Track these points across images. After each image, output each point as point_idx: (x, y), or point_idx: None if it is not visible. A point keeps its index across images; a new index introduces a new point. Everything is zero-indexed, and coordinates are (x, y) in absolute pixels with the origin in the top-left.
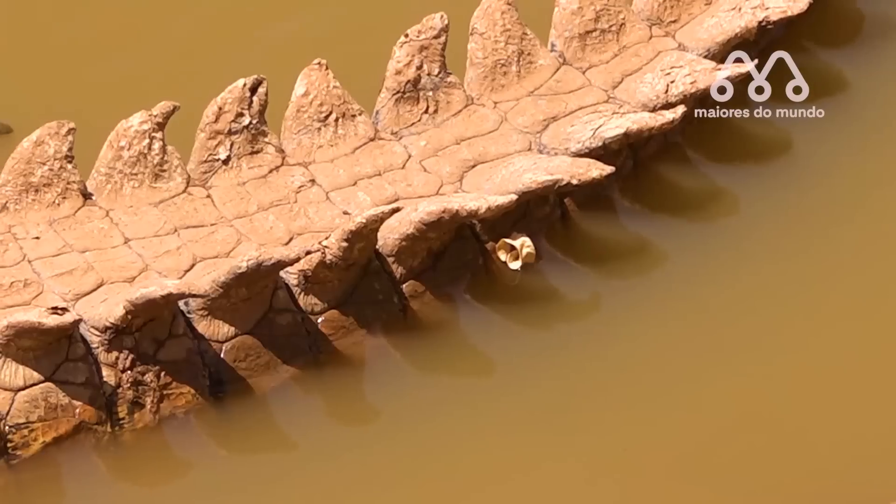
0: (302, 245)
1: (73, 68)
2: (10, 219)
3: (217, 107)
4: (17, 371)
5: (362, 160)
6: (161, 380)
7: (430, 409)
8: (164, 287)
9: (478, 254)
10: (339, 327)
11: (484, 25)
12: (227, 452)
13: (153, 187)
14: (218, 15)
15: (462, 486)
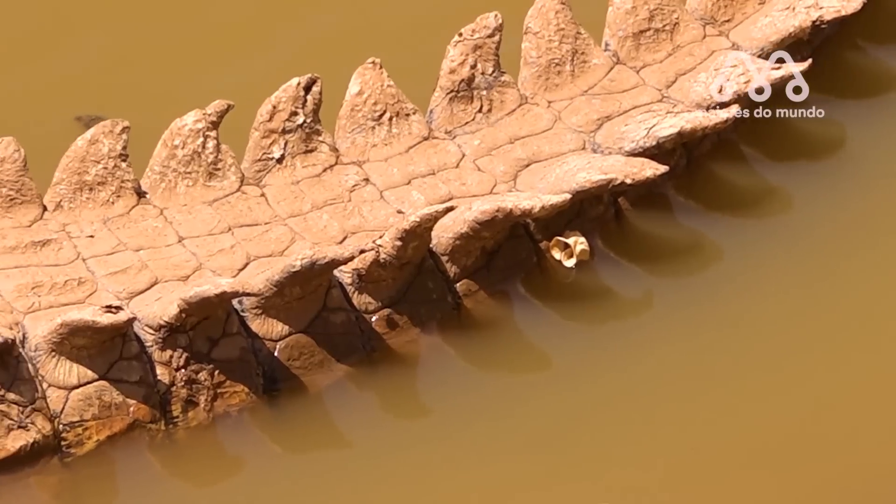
0: (356, 244)
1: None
2: (65, 217)
3: (271, 106)
4: (72, 369)
5: (416, 159)
6: (215, 378)
7: (485, 407)
8: (217, 286)
9: (531, 252)
10: (394, 326)
11: (538, 25)
12: (281, 450)
13: (207, 186)
14: (272, 13)
15: (518, 483)
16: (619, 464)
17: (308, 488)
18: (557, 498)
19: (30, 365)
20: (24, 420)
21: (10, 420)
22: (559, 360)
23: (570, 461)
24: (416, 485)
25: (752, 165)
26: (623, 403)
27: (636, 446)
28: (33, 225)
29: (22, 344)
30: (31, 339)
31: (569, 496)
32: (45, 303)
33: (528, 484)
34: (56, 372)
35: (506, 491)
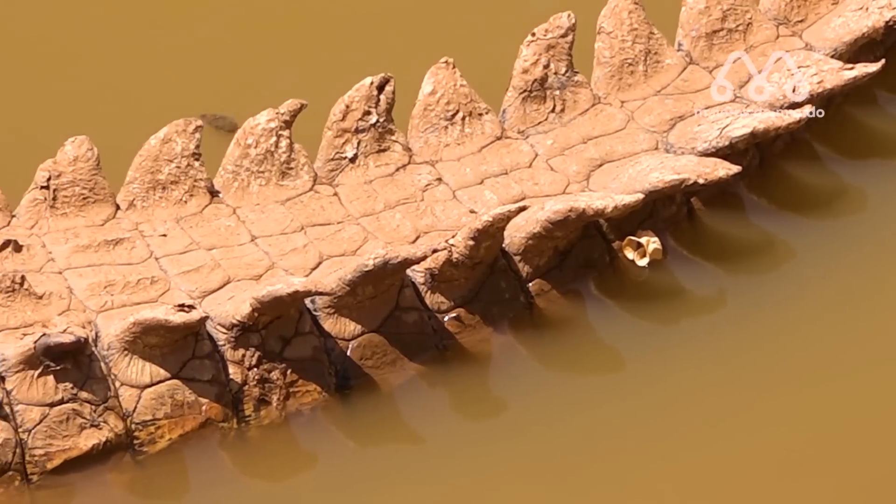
0: (428, 243)
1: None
2: (138, 216)
3: (344, 105)
4: (144, 368)
5: (489, 159)
6: (287, 377)
7: (558, 405)
8: (290, 285)
9: (604, 252)
10: (466, 325)
11: (611, 25)
12: (353, 446)
13: (280, 185)
14: (345, 12)
15: (589, 481)
16: (690, 464)
17: (380, 485)
18: (628, 496)
19: (102, 364)
20: (97, 419)
21: (82, 419)
22: (631, 359)
23: (642, 460)
24: (486, 483)
25: (826, 165)
26: (695, 404)
27: (708, 447)
28: (106, 224)
29: (95, 343)
30: (104, 337)
31: (640, 494)
32: (117, 302)
33: (599, 482)
34: (129, 370)
35: (577, 489)
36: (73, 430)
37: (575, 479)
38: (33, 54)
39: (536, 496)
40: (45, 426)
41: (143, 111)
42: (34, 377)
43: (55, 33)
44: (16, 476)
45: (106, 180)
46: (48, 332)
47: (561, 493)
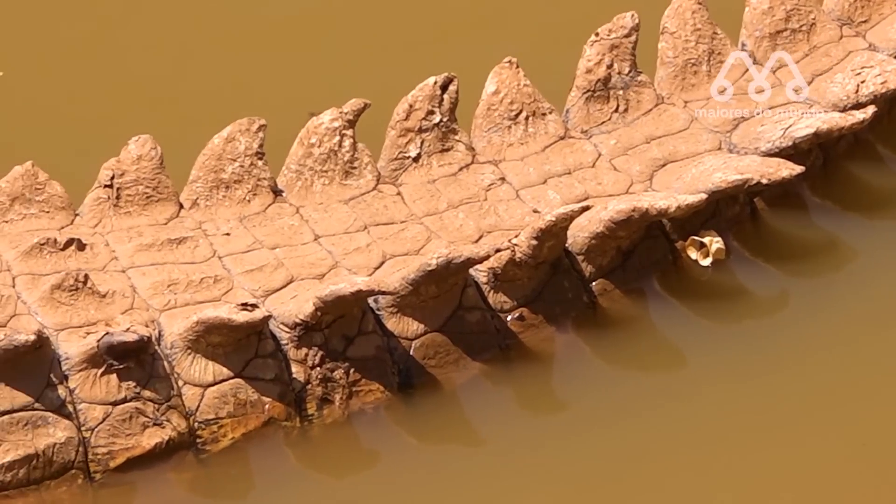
0: (492, 243)
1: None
2: (201, 215)
3: (408, 104)
4: (207, 367)
5: (552, 158)
6: (350, 376)
7: (621, 404)
8: (353, 284)
9: (667, 252)
10: (529, 324)
11: (675, 25)
12: (416, 445)
13: (343, 184)
14: (409, 12)
15: (651, 480)
16: (749, 468)
17: (443, 483)
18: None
19: (165, 362)
20: (160, 417)
21: (145, 417)
22: (693, 359)
23: (702, 461)
24: (550, 481)
25: (889, 165)
26: (756, 405)
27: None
28: (169, 222)
29: (158, 341)
30: (167, 336)
31: (699, 496)
32: (181, 300)
33: (660, 482)
34: (192, 369)
35: (639, 488)
36: (136, 429)
37: (637, 478)
38: (98, 51)
39: (599, 495)
40: (108, 425)
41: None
42: (97, 376)
43: (125, 29)
44: (79, 474)
45: (169, 179)
46: (111, 330)
47: (622, 493)
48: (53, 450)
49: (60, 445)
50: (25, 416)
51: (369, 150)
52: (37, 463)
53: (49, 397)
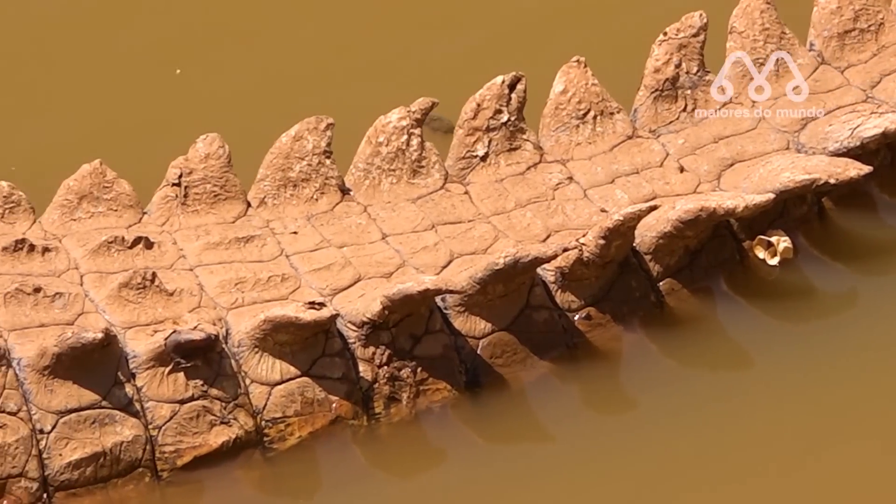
0: (559, 242)
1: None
2: (269, 214)
3: (476, 104)
4: (274, 366)
5: (620, 158)
6: (417, 375)
7: (688, 403)
8: (421, 283)
9: (735, 251)
10: (596, 324)
11: (743, 24)
12: (484, 443)
13: (411, 183)
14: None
15: (719, 478)
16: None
17: (511, 481)
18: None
19: (233, 361)
20: (227, 416)
21: (212, 416)
22: (762, 358)
23: (770, 458)
24: (616, 479)
25: None
26: (824, 403)
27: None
28: (237, 221)
29: (225, 340)
30: (235, 334)
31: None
32: (248, 299)
33: (729, 479)
34: (259, 368)
35: (706, 485)
36: (204, 427)
37: (703, 476)
38: (167, 51)
39: (665, 493)
40: (175, 423)
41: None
42: (165, 374)
43: (194, 28)
44: (146, 473)
45: (237, 177)
46: (179, 328)
47: (689, 491)
48: (121, 448)
49: (128, 444)
50: (93, 414)
51: (437, 149)
52: (104, 461)
53: (116, 395)
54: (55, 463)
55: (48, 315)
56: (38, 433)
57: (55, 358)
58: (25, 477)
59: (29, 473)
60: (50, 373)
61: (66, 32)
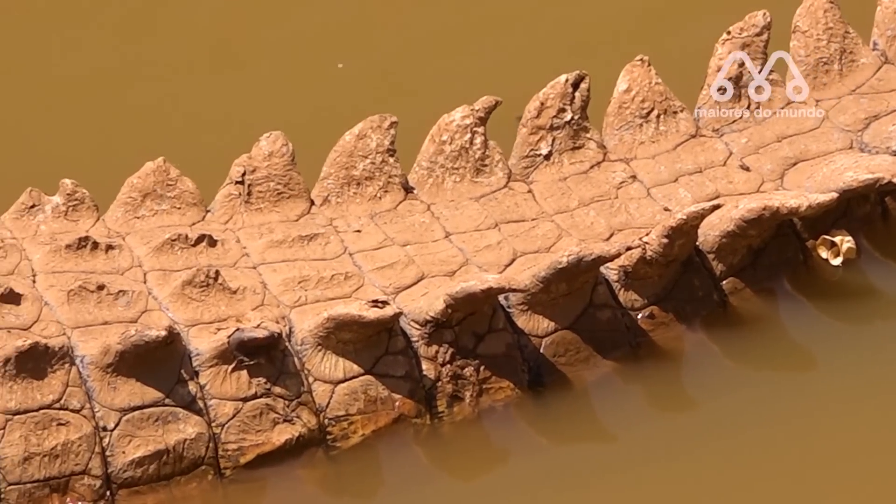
0: (622, 241)
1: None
2: (332, 212)
3: (539, 102)
4: (337, 364)
5: (683, 157)
6: (480, 374)
7: (749, 403)
8: (484, 281)
9: (798, 251)
10: (659, 323)
11: (806, 23)
12: (547, 443)
13: (474, 182)
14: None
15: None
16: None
17: (572, 482)
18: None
19: (296, 359)
20: (290, 414)
21: (275, 414)
22: (824, 358)
23: (834, 459)
24: (678, 480)
25: None
26: (887, 404)
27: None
28: (300, 219)
29: (288, 338)
30: (298, 333)
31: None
32: (311, 297)
33: (791, 479)
34: (322, 366)
35: (769, 486)
36: (266, 425)
37: (765, 478)
38: (229, 49)
39: (728, 493)
40: (238, 421)
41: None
42: (228, 372)
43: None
44: (209, 470)
45: (300, 175)
46: (242, 326)
47: (751, 490)
48: (184, 446)
49: (191, 441)
50: (156, 411)
51: (500, 148)
52: (167, 459)
53: (179, 393)
54: (118, 460)
55: (111, 313)
56: (101, 431)
57: (118, 355)
58: (89, 474)
59: (92, 471)
60: (113, 370)
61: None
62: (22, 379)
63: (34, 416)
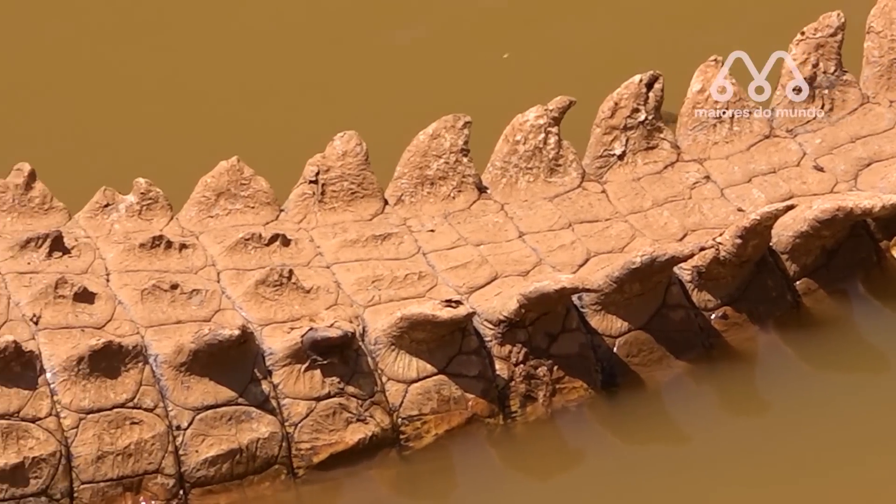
0: (696, 241)
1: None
2: (406, 211)
3: (613, 102)
4: (410, 363)
5: (757, 157)
6: (553, 374)
7: (822, 405)
8: (557, 281)
9: (872, 252)
10: (732, 323)
11: (880, 24)
12: (620, 444)
13: (548, 182)
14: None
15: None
16: None
17: (646, 483)
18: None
19: (369, 358)
20: (363, 413)
21: (349, 413)
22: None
23: None
24: (753, 483)
25: None
26: None
27: None
28: (374, 219)
29: (362, 337)
30: (371, 332)
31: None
32: (384, 296)
33: (863, 482)
34: (395, 366)
35: (843, 488)
36: (340, 425)
37: (839, 480)
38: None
39: (800, 495)
40: (311, 420)
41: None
42: (301, 371)
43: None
44: (282, 470)
45: (374, 175)
46: (315, 326)
47: (825, 492)
48: (257, 445)
49: (264, 441)
50: (229, 410)
51: (574, 148)
52: (240, 458)
53: (253, 392)
54: (191, 459)
55: (185, 312)
56: (174, 430)
57: (192, 354)
58: (162, 473)
59: (165, 470)
60: (186, 369)
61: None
62: (95, 378)
63: (107, 414)
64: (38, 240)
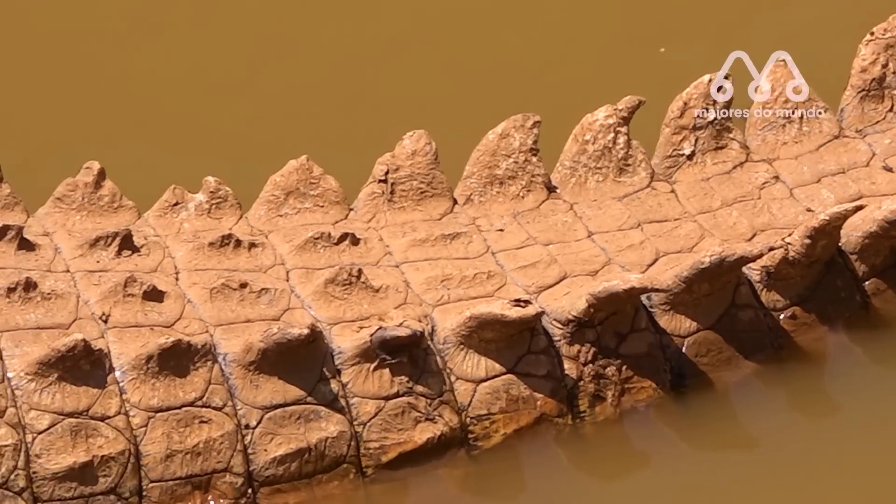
0: (765, 241)
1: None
2: (475, 211)
3: (682, 102)
4: (479, 363)
5: (826, 157)
6: (622, 373)
7: (893, 405)
8: (626, 281)
9: None
10: (801, 324)
11: None
12: (688, 446)
13: (617, 181)
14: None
15: None
16: None
17: (714, 486)
18: None
19: (438, 358)
20: (432, 412)
21: (417, 412)
22: None
23: None
24: (823, 484)
25: None
26: None
27: None
28: (443, 218)
29: (431, 336)
30: (440, 331)
31: None
32: (454, 296)
33: None
34: (464, 365)
35: None
36: (408, 424)
37: None
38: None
39: (871, 496)
40: (380, 419)
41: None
42: (370, 370)
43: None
44: (350, 469)
45: (443, 174)
46: (385, 325)
47: None
48: (325, 444)
49: (332, 440)
50: (298, 409)
51: (643, 147)
52: (309, 457)
53: (321, 391)
54: (260, 458)
55: (254, 310)
56: (243, 428)
57: (261, 353)
58: (230, 472)
59: (234, 468)
60: (255, 368)
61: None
62: (164, 376)
63: (176, 413)
64: (108, 238)
